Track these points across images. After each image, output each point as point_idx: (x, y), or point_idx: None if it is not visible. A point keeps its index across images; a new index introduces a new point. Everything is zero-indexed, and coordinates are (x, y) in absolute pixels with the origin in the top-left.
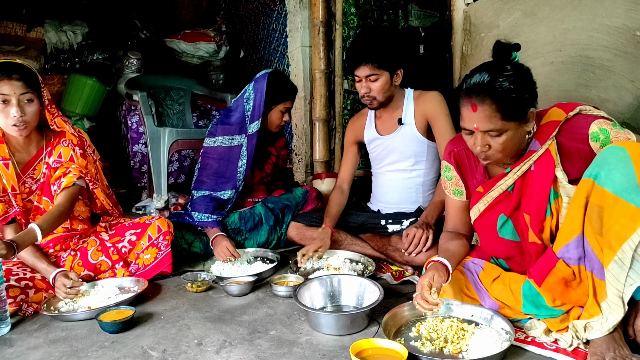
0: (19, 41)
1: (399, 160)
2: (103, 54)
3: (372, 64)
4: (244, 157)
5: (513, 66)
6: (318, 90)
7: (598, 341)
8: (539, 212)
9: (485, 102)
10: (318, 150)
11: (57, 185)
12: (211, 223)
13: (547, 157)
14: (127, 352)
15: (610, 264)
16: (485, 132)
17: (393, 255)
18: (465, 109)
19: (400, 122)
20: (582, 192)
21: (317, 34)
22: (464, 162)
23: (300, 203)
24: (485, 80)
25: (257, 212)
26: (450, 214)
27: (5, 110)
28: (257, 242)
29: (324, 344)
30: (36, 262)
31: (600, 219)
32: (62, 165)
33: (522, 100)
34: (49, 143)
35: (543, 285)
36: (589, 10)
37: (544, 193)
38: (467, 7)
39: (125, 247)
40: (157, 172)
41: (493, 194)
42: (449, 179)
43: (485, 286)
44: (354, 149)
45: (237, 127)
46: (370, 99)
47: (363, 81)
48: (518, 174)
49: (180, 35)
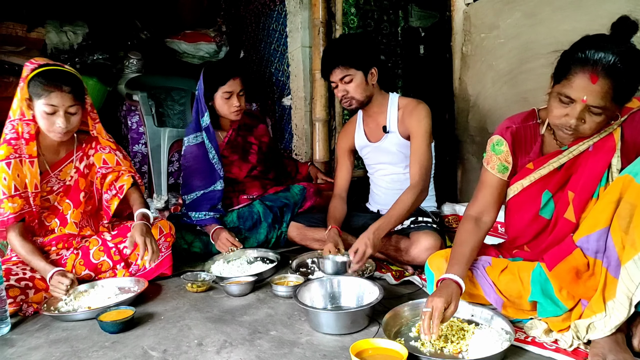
0: (19, 41)
1: (392, 164)
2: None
3: (342, 65)
4: (211, 149)
5: (636, 50)
6: (318, 91)
7: (600, 342)
8: (586, 191)
9: (607, 79)
10: (318, 151)
11: (115, 189)
12: (209, 220)
13: (610, 141)
14: (128, 352)
15: (629, 262)
16: (587, 107)
17: (394, 255)
18: (581, 77)
19: (385, 130)
20: (618, 187)
21: (318, 34)
22: (520, 139)
23: (299, 201)
24: (614, 58)
25: (255, 211)
26: (482, 194)
27: (50, 119)
28: (257, 240)
29: (325, 344)
30: (33, 260)
31: (630, 216)
32: (113, 170)
33: (636, 87)
34: (79, 147)
35: (554, 271)
36: (590, 11)
37: (596, 175)
38: (468, 7)
39: (127, 247)
40: (157, 172)
41: (542, 171)
42: (497, 154)
43: (493, 279)
44: (348, 156)
45: (195, 124)
46: (348, 100)
47: (339, 85)
48: (574, 153)
49: (181, 35)
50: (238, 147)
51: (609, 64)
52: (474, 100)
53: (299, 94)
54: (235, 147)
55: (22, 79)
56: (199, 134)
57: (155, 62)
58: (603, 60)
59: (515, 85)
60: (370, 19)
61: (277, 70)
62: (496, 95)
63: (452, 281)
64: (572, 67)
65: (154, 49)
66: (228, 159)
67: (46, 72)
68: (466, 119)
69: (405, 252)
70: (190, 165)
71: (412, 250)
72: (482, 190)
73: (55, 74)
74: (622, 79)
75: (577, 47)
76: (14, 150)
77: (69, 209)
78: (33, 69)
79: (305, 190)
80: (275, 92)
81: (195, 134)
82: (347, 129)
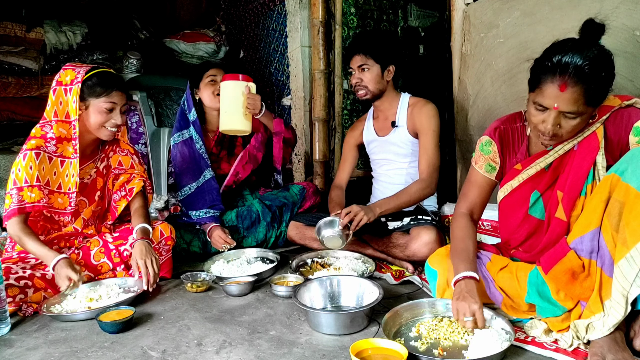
0: (18, 42)
1: (397, 159)
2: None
3: (363, 54)
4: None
5: (604, 52)
6: (318, 91)
7: (599, 342)
8: (574, 190)
9: (577, 85)
10: (318, 151)
11: (125, 190)
12: (209, 219)
13: (593, 139)
14: (127, 352)
15: (621, 261)
16: (561, 113)
17: (394, 252)
18: (550, 85)
19: (394, 124)
20: (606, 186)
21: (317, 34)
22: (508, 140)
23: (298, 201)
24: (581, 63)
25: (254, 210)
26: (470, 193)
27: (107, 116)
28: (256, 240)
29: (324, 344)
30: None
31: (620, 214)
32: (126, 172)
33: (605, 87)
34: (103, 149)
35: (550, 273)
36: (588, 9)
37: (582, 173)
38: (467, 7)
39: (127, 250)
40: (157, 172)
41: (530, 172)
42: (485, 154)
43: (492, 275)
44: (354, 152)
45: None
46: (361, 89)
47: (356, 72)
48: (560, 152)
49: (180, 35)
50: (225, 143)
51: (577, 70)
52: (473, 99)
53: (298, 93)
54: (223, 144)
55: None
56: (184, 131)
57: (154, 62)
58: (570, 67)
59: (514, 84)
60: (370, 19)
61: (276, 70)
62: (495, 95)
63: (471, 278)
64: (542, 76)
65: (153, 48)
66: (217, 155)
67: (104, 74)
68: (466, 118)
69: (406, 247)
70: (179, 164)
71: (412, 245)
72: (471, 189)
73: (112, 75)
74: (591, 83)
75: (545, 55)
76: (46, 146)
77: (84, 206)
78: (88, 71)
79: (305, 190)
80: (275, 92)
81: (181, 132)
82: (357, 125)
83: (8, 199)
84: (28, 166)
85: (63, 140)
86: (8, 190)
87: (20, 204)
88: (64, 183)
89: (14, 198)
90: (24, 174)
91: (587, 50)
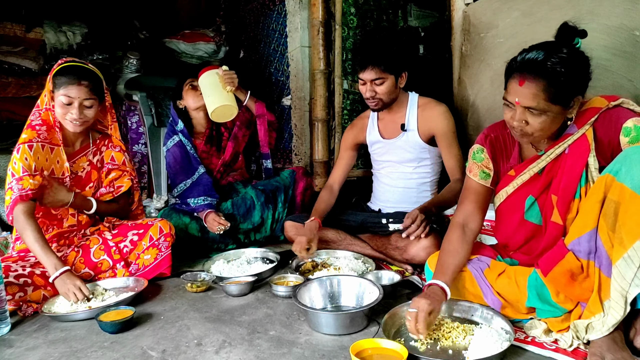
0: (17, 42)
1: (402, 163)
2: (102, 55)
3: (378, 67)
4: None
5: (571, 51)
6: (317, 91)
7: (598, 342)
8: (567, 193)
9: (534, 80)
10: (317, 151)
11: (113, 187)
12: (205, 206)
13: (583, 141)
14: (127, 352)
15: (619, 261)
16: (525, 108)
17: (393, 254)
18: (512, 81)
19: (404, 128)
20: (601, 187)
21: (317, 34)
22: (499, 147)
23: (290, 184)
24: (539, 58)
25: (248, 197)
26: (466, 201)
27: (65, 108)
28: (252, 223)
29: (324, 344)
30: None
31: (615, 214)
32: (118, 168)
33: (570, 86)
34: (94, 143)
35: (549, 276)
36: (588, 9)
37: (575, 176)
38: (467, 7)
39: (127, 246)
40: (157, 172)
41: (524, 177)
42: (478, 161)
43: (490, 282)
44: (351, 152)
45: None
46: (376, 102)
47: (368, 84)
48: (551, 156)
49: (180, 35)
50: (213, 140)
51: (536, 65)
52: (472, 99)
53: (298, 93)
54: (212, 140)
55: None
56: (175, 137)
57: (153, 62)
58: (529, 63)
59: None
60: (370, 19)
61: (276, 70)
62: (495, 95)
63: (439, 287)
64: (508, 74)
65: (153, 49)
66: (208, 152)
67: (69, 67)
68: (465, 118)
69: (404, 250)
70: (173, 165)
71: (411, 249)
72: (467, 198)
73: (76, 69)
74: (552, 79)
75: (519, 53)
76: (37, 135)
77: None
78: (60, 64)
79: (295, 172)
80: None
81: (172, 137)
82: (357, 123)
83: (9, 193)
84: (23, 158)
85: (51, 128)
86: (7, 186)
87: (22, 191)
88: (56, 169)
89: (15, 188)
90: (20, 165)
91: (553, 49)
